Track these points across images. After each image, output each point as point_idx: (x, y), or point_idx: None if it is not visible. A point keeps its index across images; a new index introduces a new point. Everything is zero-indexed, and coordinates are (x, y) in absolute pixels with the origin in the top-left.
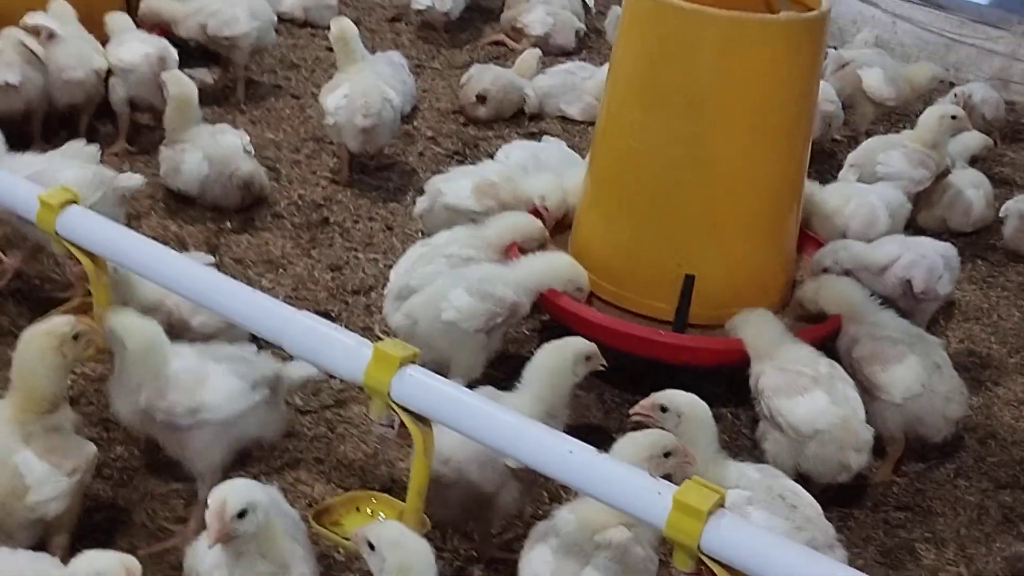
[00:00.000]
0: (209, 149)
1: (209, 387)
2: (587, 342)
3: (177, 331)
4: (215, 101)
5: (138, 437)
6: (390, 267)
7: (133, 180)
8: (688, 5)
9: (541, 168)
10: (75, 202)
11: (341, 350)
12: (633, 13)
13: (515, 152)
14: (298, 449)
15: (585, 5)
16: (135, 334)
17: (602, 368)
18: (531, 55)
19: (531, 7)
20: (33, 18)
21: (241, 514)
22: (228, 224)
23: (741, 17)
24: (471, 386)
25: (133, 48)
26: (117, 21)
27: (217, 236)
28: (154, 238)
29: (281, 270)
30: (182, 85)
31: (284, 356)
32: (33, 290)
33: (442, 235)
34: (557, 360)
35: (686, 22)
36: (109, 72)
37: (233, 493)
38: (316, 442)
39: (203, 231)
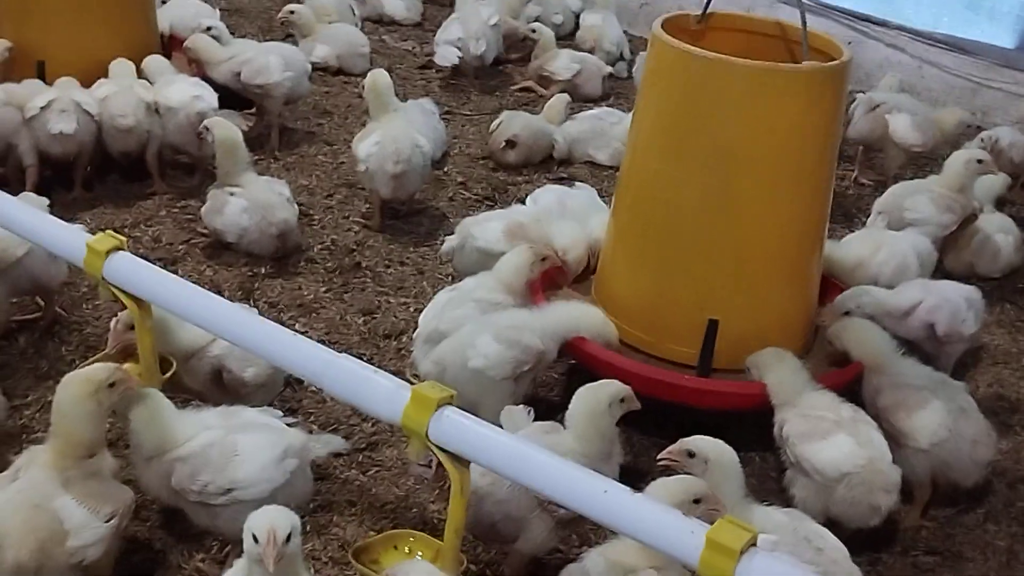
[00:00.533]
0: (254, 197)
1: (240, 464)
2: (621, 384)
3: (222, 379)
4: (250, 147)
5: None
6: (421, 311)
7: None
8: (712, 54)
9: (569, 213)
10: (120, 248)
11: (380, 392)
12: (657, 61)
13: (544, 196)
14: (331, 492)
15: (621, 55)
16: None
17: (637, 409)
18: (559, 100)
19: (558, 54)
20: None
21: (288, 537)
22: (262, 269)
23: (765, 67)
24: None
25: (180, 90)
26: (155, 64)
27: (252, 281)
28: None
29: (314, 314)
30: (228, 129)
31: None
32: (73, 333)
33: (469, 280)
34: (592, 403)
35: (710, 71)
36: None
37: (279, 520)
38: (348, 485)
39: (238, 276)
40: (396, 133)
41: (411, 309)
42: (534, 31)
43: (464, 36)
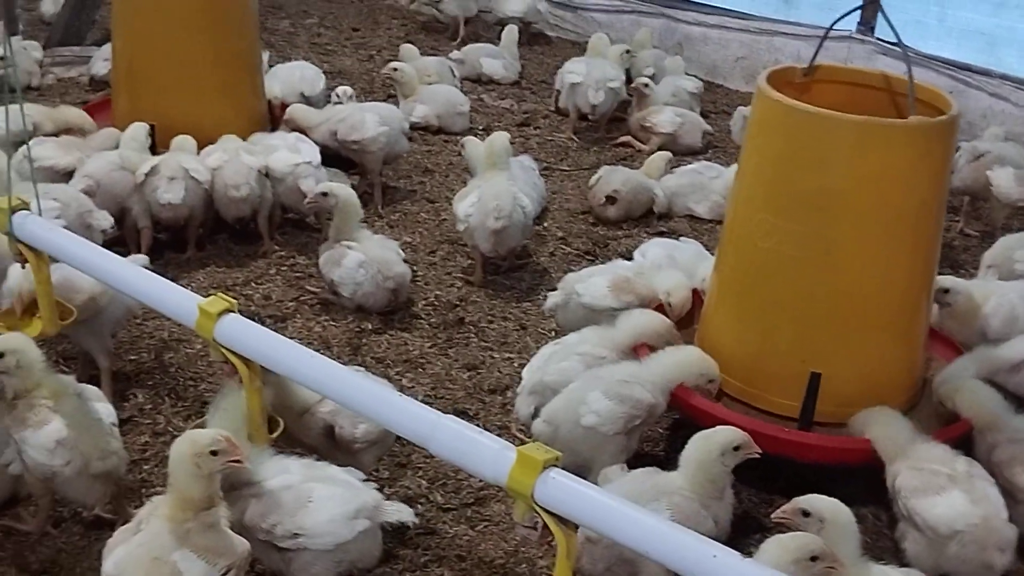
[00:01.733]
0: (370, 252)
1: (311, 512)
2: (736, 431)
3: (334, 436)
4: None
5: None
6: (525, 366)
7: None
8: (818, 109)
9: (678, 266)
10: (231, 310)
11: (486, 453)
12: (762, 115)
13: (652, 250)
14: (440, 546)
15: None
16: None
17: (757, 456)
18: (660, 157)
19: (660, 108)
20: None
21: None
22: (369, 325)
23: (871, 121)
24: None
25: (285, 157)
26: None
27: (359, 336)
28: (299, 339)
29: (420, 369)
30: (345, 192)
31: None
32: (188, 390)
33: (573, 336)
34: (704, 451)
35: (816, 125)
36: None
37: None
38: (457, 540)
39: (345, 332)
40: (497, 190)
41: (515, 364)
42: (647, 85)
43: (585, 81)
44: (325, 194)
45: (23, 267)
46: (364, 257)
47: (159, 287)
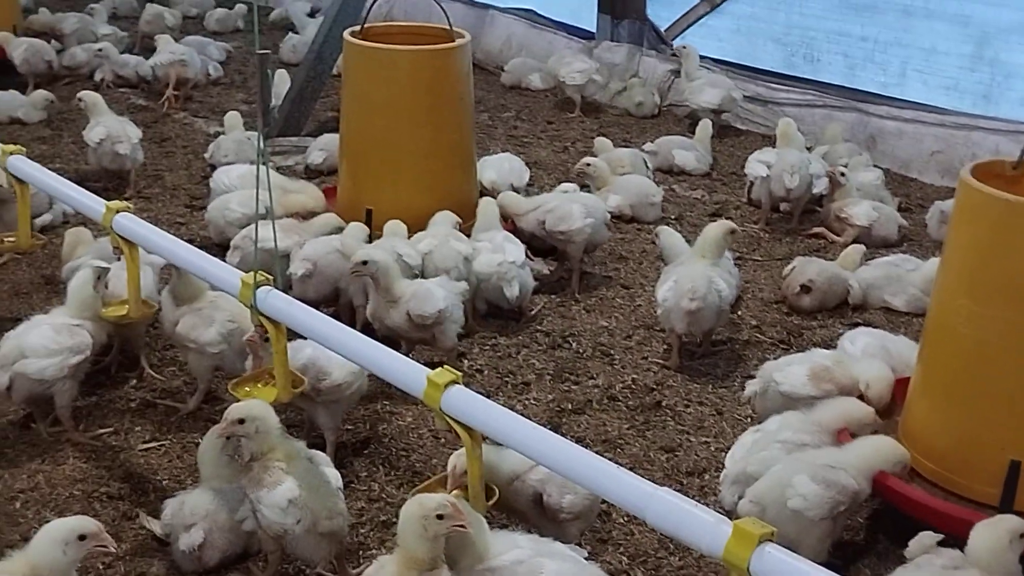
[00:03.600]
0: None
1: None
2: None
3: (542, 504)
4: (551, 290)
5: None
6: (721, 450)
7: None
8: (1019, 198)
9: (889, 357)
10: (456, 382)
11: (702, 526)
12: (965, 204)
13: (861, 339)
14: None
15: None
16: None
17: None
18: (855, 251)
19: (856, 200)
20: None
21: None
22: (569, 405)
23: None
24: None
25: (490, 260)
26: (486, 214)
27: (559, 416)
28: None
29: (618, 449)
30: (382, 256)
31: None
32: (401, 459)
33: (773, 420)
34: (993, 539)
35: (1017, 214)
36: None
37: None
38: None
39: (546, 410)
40: (693, 273)
41: (711, 448)
42: (843, 175)
43: (778, 166)
44: (365, 262)
45: (262, 337)
46: None
47: (391, 359)
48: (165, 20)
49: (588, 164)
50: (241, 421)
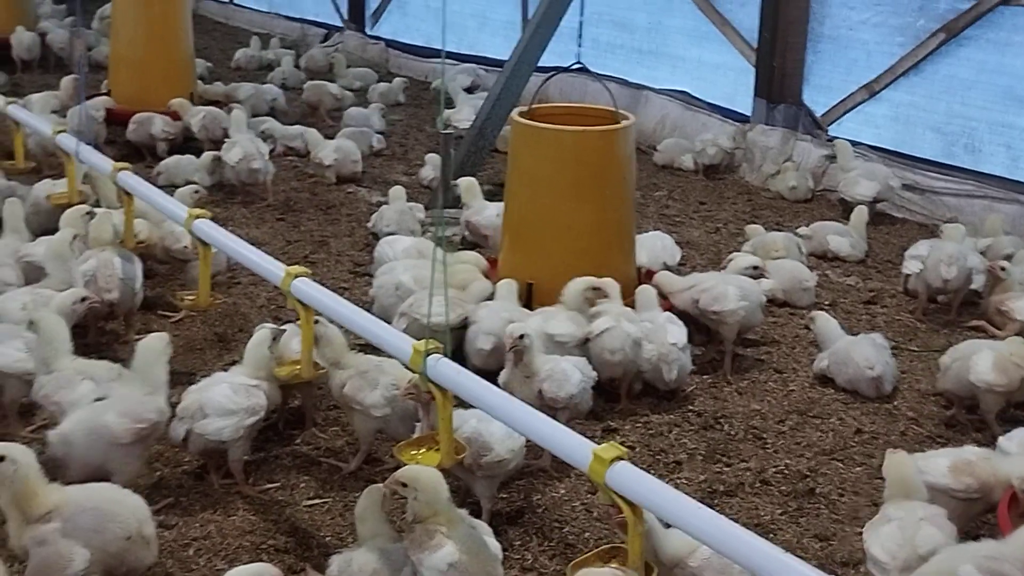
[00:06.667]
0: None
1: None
2: None
3: None
4: (703, 371)
5: None
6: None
7: None
8: None
9: None
10: (622, 458)
11: None
12: None
13: (1019, 436)
14: None
15: None
16: None
17: None
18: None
19: (1019, 294)
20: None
21: None
22: (720, 487)
23: None
24: None
25: (660, 341)
26: (643, 297)
27: (711, 497)
28: None
29: (770, 535)
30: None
31: None
32: (554, 531)
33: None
34: None
35: None
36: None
37: None
38: None
39: (697, 490)
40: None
41: None
42: (1003, 268)
43: (932, 255)
44: (522, 336)
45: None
46: None
47: (557, 432)
48: (329, 91)
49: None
50: (404, 485)
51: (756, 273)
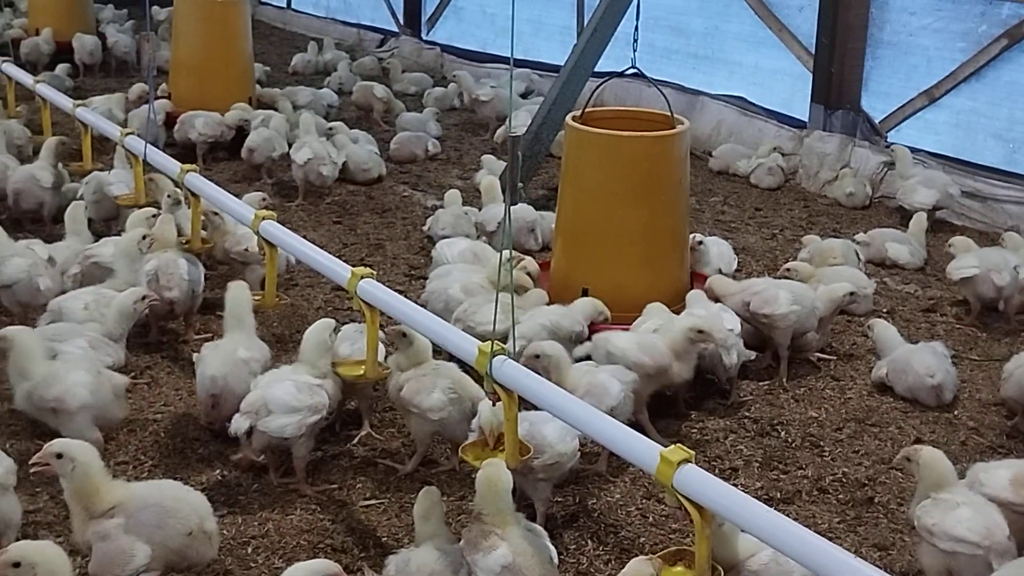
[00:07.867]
0: None
1: None
2: None
3: None
4: (757, 377)
5: None
6: None
7: None
8: None
9: None
10: (689, 460)
11: None
12: None
13: None
14: None
15: None
16: None
17: None
18: None
19: None
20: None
21: None
22: (777, 494)
23: None
24: None
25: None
26: (695, 296)
27: (767, 504)
28: None
29: None
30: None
31: None
32: (609, 535)
33: None
34: None
35: None
36: None
37: None
38: None
39: (759, 496)
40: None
41: None
42: None
43: (982, 264)
44: (538, 356)
45: (493, 404)
46: None
47: (623, 434)
48: (374, 92)
49: (788, 269)
50: None
51: (852, 300)
